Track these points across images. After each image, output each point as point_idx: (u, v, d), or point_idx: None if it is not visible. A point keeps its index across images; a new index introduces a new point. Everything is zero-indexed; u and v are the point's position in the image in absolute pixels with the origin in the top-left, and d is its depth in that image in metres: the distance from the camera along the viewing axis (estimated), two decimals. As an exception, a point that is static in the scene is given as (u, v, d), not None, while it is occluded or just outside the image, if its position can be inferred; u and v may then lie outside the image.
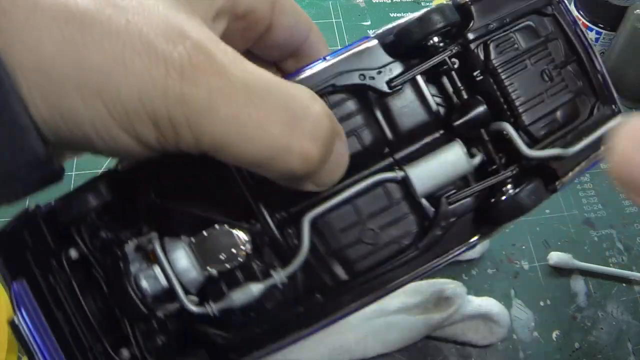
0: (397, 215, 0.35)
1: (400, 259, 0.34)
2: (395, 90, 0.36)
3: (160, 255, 0.32)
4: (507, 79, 0.36)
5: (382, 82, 0.35)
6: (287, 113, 0.22)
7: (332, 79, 0.35)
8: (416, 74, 0.36)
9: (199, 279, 0.32)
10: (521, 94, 0.36)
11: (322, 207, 0.34)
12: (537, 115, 0.36)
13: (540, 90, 0.36)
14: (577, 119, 0.37)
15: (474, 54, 0.36)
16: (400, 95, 0.37)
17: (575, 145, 0.35)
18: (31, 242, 0.32)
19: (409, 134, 0.36)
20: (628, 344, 0.50)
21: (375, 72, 0.36)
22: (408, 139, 0.36)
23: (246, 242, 0.33)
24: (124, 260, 0.32)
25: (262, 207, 0.33)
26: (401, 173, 0.34)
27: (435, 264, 0.34)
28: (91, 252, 0.33)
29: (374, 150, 0.36)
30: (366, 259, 0.34)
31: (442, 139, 0.36)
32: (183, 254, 0.32)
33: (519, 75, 0.37)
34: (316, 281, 0.34)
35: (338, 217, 0.35)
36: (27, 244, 0.32)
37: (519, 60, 0.37)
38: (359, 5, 0.77)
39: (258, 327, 0.33)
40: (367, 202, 0.35)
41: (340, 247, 0.34)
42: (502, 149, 0.35)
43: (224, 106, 0.20)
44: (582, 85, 0.37)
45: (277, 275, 0.32)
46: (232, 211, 0.34)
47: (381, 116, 0.36)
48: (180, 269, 0.32)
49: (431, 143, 0.36)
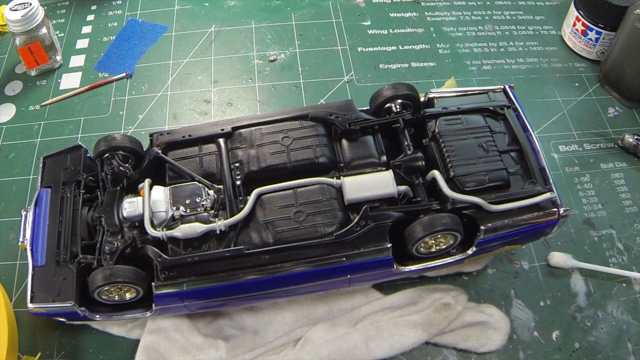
0: (326, 209, 0.44)
1: (318, 240, 0.43)
2: (352, 129, 0.48)
3: (146, 190, 0.44)
4: (448, 143, 0.47)
5: (344, 123, 0.48)
6: None
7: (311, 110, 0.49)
8: (372, 123, 0.49)
9: (166, 214, 0.44)
10: (456, 154, 0.46)
11: (271, 187, 0.45)
12: (466, 171, 0.46)
13: (474, 156, 0.46)
14: (507, 189, 0.46)
15: (427, 125, 0.49)
16: (358, 137, 0.48)
17: (499, 205, 0.44)
18: (68, 164, 0.48)
19: (356, 164, 0.47)
20: (628, 344, 0.50)
21: (342, 115, 0.49)
22: (355, 167, 0.47)
23: (208, 198, 0.45)
24: (121, 189, 0.45)
25: (229, 177, 0.46)
26: (339, 181, 0.45)
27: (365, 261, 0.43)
28: (105, 178, 0.47)
29: (327, 165, 0.47)
30: (291, 232, 0.43)
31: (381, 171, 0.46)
32: (160, 191, 0.45)
33: (458, 142, 0.47)
34: (248, 239, 0.43)
35: (280, 198, 0.45)
36: (65, 166, 0.48)
37: (462, 134, 0.48)
38: (359, 5, 0.77)
39: (190, 258, 0.42)
40: (306, 194, 0.45)
41: (274, 219, 0.44)
42: (435, 195, 0.46)
43: None
44: (519, 168, 0.47)
45: (219, 222, 0.43)
46: (209, 177, 0.46)
47: (339, 146, 0.48)
48: (154, 199, 0.44)
49: (372, 172, 0.46)
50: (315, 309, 0.50)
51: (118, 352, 0.49)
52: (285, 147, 0.47)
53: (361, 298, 0.51)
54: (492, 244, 0.46)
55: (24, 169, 0.61)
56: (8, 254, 0.55)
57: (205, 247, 0.43)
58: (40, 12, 0.64)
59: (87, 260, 0.43)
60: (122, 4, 0.77)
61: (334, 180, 0.45)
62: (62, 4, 0.77)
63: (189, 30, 0.74)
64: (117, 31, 0.74)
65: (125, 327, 0.49)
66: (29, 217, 0.45)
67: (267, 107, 0.66)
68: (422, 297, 0.50)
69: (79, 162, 0.48)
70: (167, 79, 0.68)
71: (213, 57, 0.71)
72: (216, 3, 0.77)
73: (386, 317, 0.49)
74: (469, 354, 0.49)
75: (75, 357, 0.49)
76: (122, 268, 0.42)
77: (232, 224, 0.43)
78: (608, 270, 0.53)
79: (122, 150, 0.48)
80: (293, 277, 0.43)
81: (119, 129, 0.64)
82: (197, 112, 0.65)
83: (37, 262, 0.43)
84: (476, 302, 0.51)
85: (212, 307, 0.46)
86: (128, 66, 0.70)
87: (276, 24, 0.74)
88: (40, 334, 0.50)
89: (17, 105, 0.66)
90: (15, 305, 0.51)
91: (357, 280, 0.45)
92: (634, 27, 0.60)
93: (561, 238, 0.55)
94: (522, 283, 0.53)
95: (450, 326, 0.49)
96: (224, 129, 0.48)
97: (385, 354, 0.48)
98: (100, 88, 0.68)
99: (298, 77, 0.68)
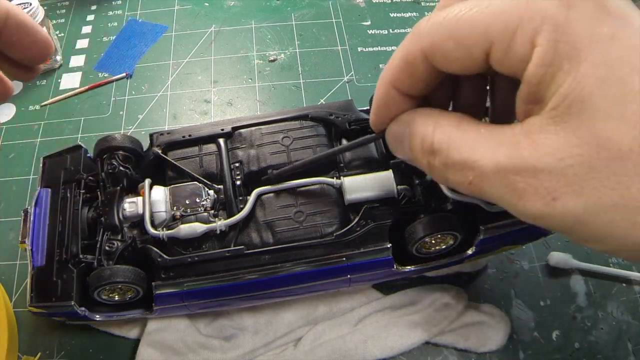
0: (326, 209, 0.44)
1: (318, 240, 0.43)
2: (352, 129, 0.48)
3: (146, 190, 0.45)
4: None
5: (344, 123, 0.49)
6: None
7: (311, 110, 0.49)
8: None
9: (166, 214, 0.44)
10: None
11: (271, 187, 0.45)
12: None
13: None
14: None
15: None
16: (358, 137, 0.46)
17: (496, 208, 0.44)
18: (68, 164, 0.48)
19: (356, 164, 0.47)
20: (628, 344, 0.50)
21: (342, 115, 0.49)
22: (355, 167, 0.47)
23: (208, 198, 0.45)
24: (121, 189, 0.45)
25: (229, 177, 0.46)
26: (339, 181, 0.45)
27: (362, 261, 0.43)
28: (105, 178, 0.47)
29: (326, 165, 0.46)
30: (291, 232, 0.43)
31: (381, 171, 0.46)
32: (160, 191, 0.45)
33: None
34: (248, 239, 0.44)
35: (280, 198, 0.45)
36: (65, 166, 0.48)
37: None
38: (359, 5, 0.77)
39: (190, 259, 0.42)
40: (306, 194, 0.45)
41: (274, 219, 0.44)
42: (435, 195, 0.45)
43: None
44: None
45: (219, 222, 0.43)
46: (209, 177, 0.46)
47: (339, 146, 0.47)
48: (154, 199, 0.44)
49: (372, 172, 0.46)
50: (315, 309, 0.50)
51: (118, 352, 0.49)
52: (285, 147, 0.47)
53: (361, 298, 0.51)
54: (491, 244, 0.46)
55: (24, 169, 0.61)
56: (8, 254, 0.55)
57: (206, 247, 0.43)
58: (40, 12, 0.64)
59: (87, 260, 0.43)
60: (122, 4, 0.77)
61: (334, 180, 0.45)
62: (62, 4, 0.77)
63: (189, 30, 0.74)
64: (117, 31, 0.74)
65: (126, 327, 0.49)
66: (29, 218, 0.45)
67: (267, 107, 0.66)
68: (422, 297, 0.50)
69: (79, 162, 0.48)
70: (167, 79, 0.68)
71: (213, 57, 0.71)
72: (216, 3, 0.77)
73: (386, 317, 0.49)
74: (469, 354, 0.49)
75: (75, 357, 0.49)
76: (122, 268, 0.42)
77: (232, 224, 0.43)
78: (608, 270, 0.53)
79: (122, 150, 0.48)
80: (293, 277, 0.43)
81: (119, 129, 0.64)
82: (197, 112, 0.65)
83: (37, 262, 0.43)
84: (476, 302, 0.51)
85: (212, 307, 0.46)
86: (128, 66, 0.70)
87: (276, 24, 0.74)
88: (40, 334, 0.50)
89: (17, 105, 0.66)
90: (15, 305, 0.51)
91: (357, 280, 0.45)
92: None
93: (561, 238, 0.55)
94: (522, 283, 0.53)
95: (450, 326, 0.49)
96: (224, 129, 0.48)
97: (385, 354, 0.48)
98: (100, 88, 0.68)
99: (298, 77, 0.68)
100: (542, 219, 0.25)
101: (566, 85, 0.23)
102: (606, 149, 0.22)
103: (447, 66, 0.28)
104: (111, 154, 0.47)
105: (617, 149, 0.22)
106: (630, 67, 0.22)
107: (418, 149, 0.29)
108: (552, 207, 0.24)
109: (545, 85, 0.24)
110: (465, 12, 0.26)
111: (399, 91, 0.31)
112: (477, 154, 0.26)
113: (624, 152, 0.22)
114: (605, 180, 0.22)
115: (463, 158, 0.26)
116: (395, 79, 0.30)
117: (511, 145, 0.25)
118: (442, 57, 0.27)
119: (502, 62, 0.25)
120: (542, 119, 0.24)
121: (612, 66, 0.22)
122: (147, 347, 0.47)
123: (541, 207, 0.24)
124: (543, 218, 0.25)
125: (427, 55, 0.28)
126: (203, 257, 0.42)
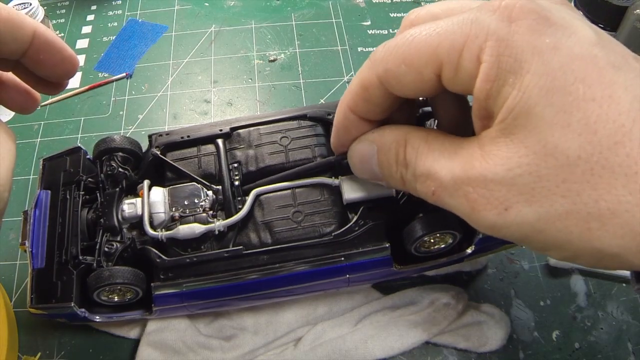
0: (324, 209, 0.44)
1: (317, 240, 0.43)
2: None
3: (145, 191, 0.45)
4: None
5: None
6: None
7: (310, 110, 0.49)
8: None
9: (165, 215, 0.44)
10: None
11: (269, 187, 0.45)
12: None
13: None
14: None
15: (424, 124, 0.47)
16: None
17: None
18: (68, 166, 0.48)
19: None
20: (628, 344, 0.50)
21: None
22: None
23: (207, 198, 0.45)
24: (121, 190, 0.47)
25: (227, 177, 0.46)
26: (337, 181, 0.44)
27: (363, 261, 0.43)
28: (104, 179, 0.47)
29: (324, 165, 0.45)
30: (289, 232, 0.43)
31: None
32: (159, 192, 0.45)
33: None
34: (246, 239, 0.44)
35: (278, 198, 0.44)
36: (65, 167, 0.48)
37: None
38: (359, 5, 0.76)
39: (189, 259, 0.43)
40: (304, 194, 0.45)
41: (273, 219, 0.44)
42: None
43: None
44: None
45: (217, 223, 0.43)
46: (208, 177, 0.46)
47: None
48: (153, 200, 0.44)
49: None
50: (315, 309, 0.50)
51: (118, 352, 0.49)
52: (283, 147, 0.47)
53: (361, 298, 0.51)
54: (491, 243, 0.46)
55: (24, 169, 0.61)
56: (8, 254, 0.55)
57: (204, 247, 0.43)
58: (40, 12, 0.64)
59: (87, 261, 0.43)
60: (122, 4, 0.77)
61: (332, 180, 0.45)
62: (62, 4, 0.78)
63: (189, 30, 0.74)
64: (117, 31, 0.74)
65: (125, 327, 0.49)
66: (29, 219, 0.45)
67: (267, 107, 0.66)
68: (422, 296, 0.50)
69: (79, 163, 0.48)
70: (167, 79, 0.68)
71: (213, 57, 0.71)
72: (216, 3, 0.77)
73: (386, 317, 0.49)
74: (469, 354, 0.49)
75: (75, 357, 0.49)
76: (121, 269, 0.42)
77: (230, 224, 0.43)
78: (608, 270, 0.53)
79: (121, 151, 0.48)
80: (292, 277, 0.43)
81: (119, 129, 0.64)
82: (197, 112, 0.65)
83: (37, 264, 0.43)
84: (476, 302, 0.51)
85: (212, 307, 0.46)
86: (128, 66, 0.70)
87: (276, 24, 0.74)
88: (40, 334, 0.50)
89: (17, 106, 0.66)
90: (15, 305, 0.51)
91: (356, 279, 0.45)
92: (634, 27, 0.60)
93: (561, 238, 0.55)
94: (522, 283, 0.53)
95: (450, 326, 0.49)
96: (222, 129, 0.48)
97: (385, 353, 0.48)
98: (100, 88, 0.68)
99: (298, 77, 0.68)
100: (497, 229, 0.25)
101: (511, 98, 0.23)
102: (554, 158, 0.22)
103: (401, 91, 0.28)
104: (110, 155, 0.47)
105: (565, 156, 0.22)
106: (574, 76, 0.22)
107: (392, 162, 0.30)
108: (504, 216, 0.24)
109: (493, 99, 0.24)
110: (415, 36, 0.26)
111: (357, 115, 0.31)
112: (438, 165, 0.27)
113: (571, 159, 0.22)
114: (555, 188, 0.23)
115: (427, 169, 0.27)
116: (354, 104, 0.31)
117: (466, 156, 0.25)
118: (396, 82, 0.28)
119: (453, 81, 0.26)
120: (493, 131, 0.24)
121: (554, 76, 0.22)
122: (147, 347, 0.47)
123: (494, 217, 0.24)
124: (497, 228, 0.25)
125: (382, 81, 0.28)
126: (202, 258, 0.42)
